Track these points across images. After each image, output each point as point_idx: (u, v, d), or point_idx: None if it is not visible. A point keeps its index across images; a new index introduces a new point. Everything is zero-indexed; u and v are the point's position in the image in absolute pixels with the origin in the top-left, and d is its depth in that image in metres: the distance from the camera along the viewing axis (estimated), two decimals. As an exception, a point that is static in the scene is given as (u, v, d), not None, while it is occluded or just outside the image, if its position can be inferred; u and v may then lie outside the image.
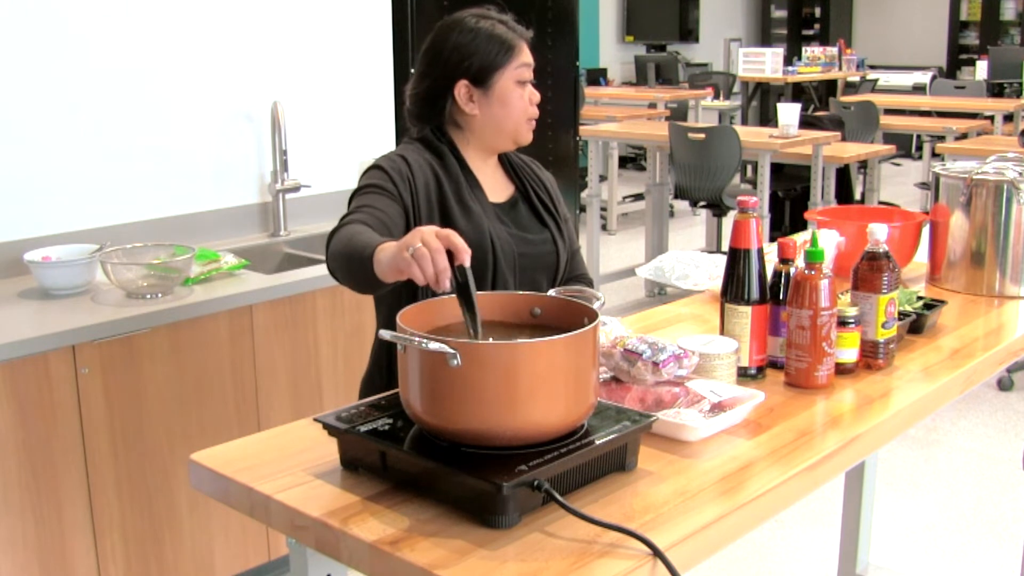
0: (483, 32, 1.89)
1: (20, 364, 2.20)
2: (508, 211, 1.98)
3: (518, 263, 1.92)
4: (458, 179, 1.91)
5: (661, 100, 8.60)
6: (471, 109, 1.91)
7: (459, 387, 1.24)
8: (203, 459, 1.42)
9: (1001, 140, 5.79)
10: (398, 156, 1.90)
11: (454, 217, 1.86)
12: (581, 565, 1.13)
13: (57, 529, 2.31)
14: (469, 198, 1.90)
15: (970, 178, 2.19)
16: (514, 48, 1.89)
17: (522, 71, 1.90)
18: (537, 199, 2.02)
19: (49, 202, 2.76)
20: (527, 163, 2.09)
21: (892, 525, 3.30)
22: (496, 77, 1.89)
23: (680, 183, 5.61)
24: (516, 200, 2.01)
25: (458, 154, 1.94)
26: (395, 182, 1.84)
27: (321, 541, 1.25)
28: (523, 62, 1.91)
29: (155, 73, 2.94)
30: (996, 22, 12.59)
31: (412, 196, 1.85)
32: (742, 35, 13.09)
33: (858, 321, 1.72)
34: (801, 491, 1.41)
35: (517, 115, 1.91)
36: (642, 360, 1.55)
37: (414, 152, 1.92)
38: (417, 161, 1.89)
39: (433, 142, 1.94)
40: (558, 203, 2.07)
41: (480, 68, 1.88)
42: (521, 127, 1.93)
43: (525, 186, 2.03)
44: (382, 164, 1.88)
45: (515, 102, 1.90)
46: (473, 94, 1.90)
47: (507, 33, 1.90)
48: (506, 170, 2.04)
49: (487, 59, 1.88)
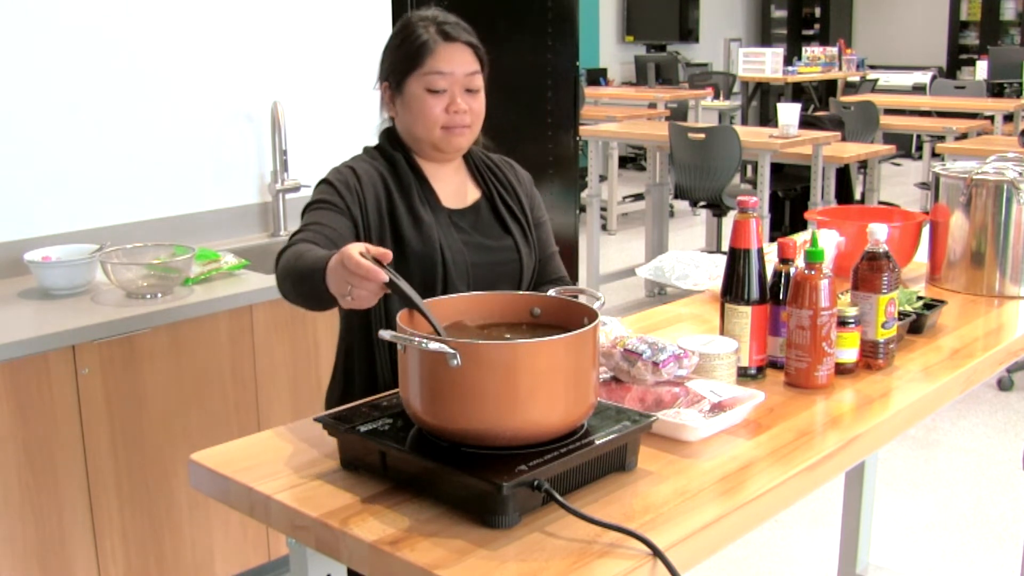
0: (408, 34, 1.83)
1: (20, 364, 2.20)
2: (467, 217, 1.90)
3: (471, 273, 1.85)
4: (410, 187, 1.85)
5: (661, 100, 8.60)
6: (390, 111, 1.89)
7: (459, 387, 1.24)
8: (203, 459, 1.42)
9: (1001, 140, 5.79)
10: (348, 168, 1.85)
11: (403, 229, 1.81)
12: (581, 565, 1.13)
13: (57, 529, 2.31)
14: (421, 206, 1.84)
15: (970, 178, 2.19)
16: (427, 54, 1.80)
17: (432, 79, 1.80)
18: (503, 203, 1.94)
19: (49, 202, 2.76)
20: (498, 164, 2.00)
21: (892, 525, 3.30)
22: (406, 82, 1.82)
23: (680, 183, 5.61)
24: (479, 205, 1.93)
25: (411, 159, 1.88)
26: (343, 196, 1.80)
27: (321, 541, 1.25)
28: (436, 69, 1.80)
29: (155, 73, 2.94)
30: (996, 22, 12.59)
31: (361, 209, 1.80)
32: (742, 35, 13.09)
33: (858, 321, 1.72)
34: (801, 491, 1.41)
35: (426, 123, 1.82)
36: (642, 360, 1.55)
37: (365, 163, 1.87)
38: (367, 172, 1.84)
39: (386, 149, 1.89)
40: (529, 206, 1.99)
41: (393, 71, 1.85)
42: (433, 134, 1.83)
43: (491, 190, 1.95)
44: (331, 178, 1.84)
45: (421, 109, 1.81)
46: (393, 96, 1.87)
47: (430, 37, 1.81)
48: (472, 173, 1.96)
49: (398, 63, 1.83)
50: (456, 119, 1.82)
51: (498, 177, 1.98)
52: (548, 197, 4.37)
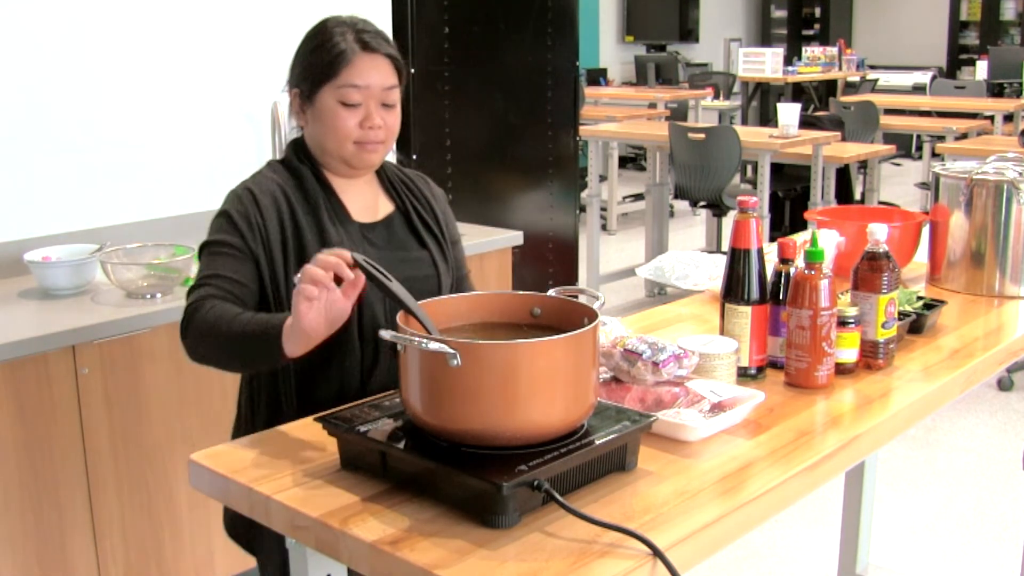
0: (323, 40, 1.73)
1: (20, 364, 2.20)
2: (380, 230, 1.81)
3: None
4: (317, 202, 1.75)
5: (661, 100, 8.60)
6: (300, 121, 1.79)
7: (459, 387, 1.24)
8: (203, 459, 1.42)
9: (1001, 140, 5.79)
10: (247, 193, 1.72)
11: (310, 253, 1.66)
12: (581, 565, 1.13)
13: (57, 529, 2.31)
14: (329, 223, 1.74)
15: (970, 178, 2.19)
16: (343, 65, 1.70)
17: (347, 92, 1.70)
18: (418, 216, 1.86)
19: (49, 202, 2.76)
20: (412, 179, 1.92)
21: (892, 525, 3.30)
22: (318, 92, 1.72)
23: (680, 183, 5.61)
24: (392, 218, 1.84)
25: (319, 173, 1.78)
26: (244, 235, 1.69)
27: (321, 541, 1.25)
28: (351, 82, 1.70)
29: (155, 73, 2.94)
30: (996, 22, 12.59)
31: (264, 245, 1.69)
32: (742, 35, 13.09)
33: (858, 321, 1.72)
34: (801, 491, 1.41)
35: (337, 137, 1.72)
36: (642, 360, 1.55)
37: (268, 180, 1.75)
38: (269, 192, 1.73)
39: (292, 162, 1.79)
40: (444, 223, 1.91)
41: (305, 79, 1.75)
42: (344, 149, 1.73)
43: (405, 203, 1.86)
44: (230, 211, 1.71)
45: (333, 123, 1.72)
46: (303, 105, 1.77)
47: (347, 46, 1.71)
48: (385, 186, 1.88)
49: (311, 71, 1.73)
50: (370, 135, 1.73)
51: (412, 191, 1.90)
52: (548, 197, 4.38)
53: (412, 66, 3.75)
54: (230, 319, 1.57)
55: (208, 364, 1.65)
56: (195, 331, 1.61)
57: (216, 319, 1.58)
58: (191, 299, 1.65)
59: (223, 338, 1.57)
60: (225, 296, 1.65)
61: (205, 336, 1.60)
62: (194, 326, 1.62)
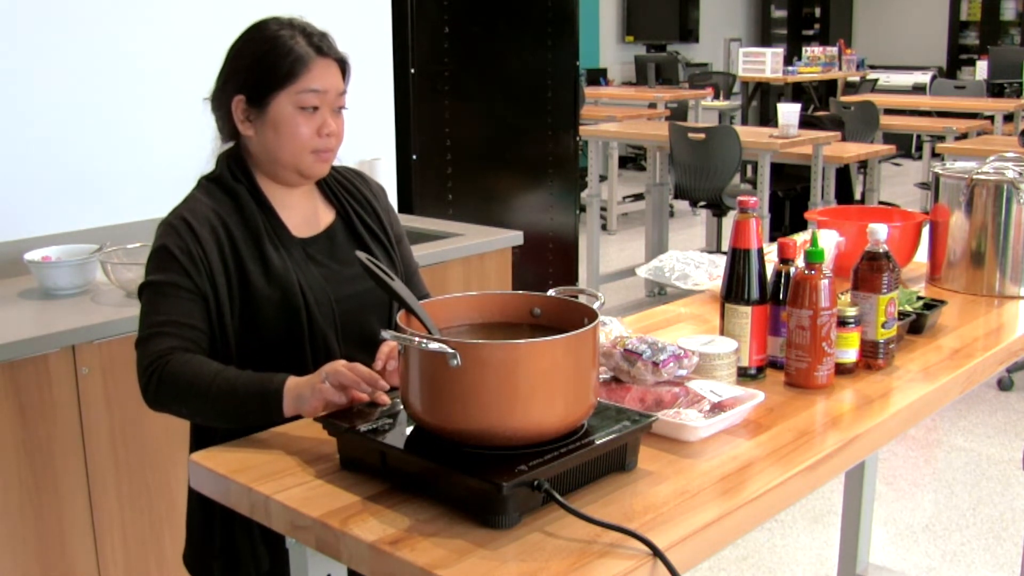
0: (272, 43, 1.64)
1: (20, 364, 2.20)
2: (321, 244, 1.73)
3: (337, 311, 1.68)
4: (256, 224, 1.66)
5: (661, 100, 8.60)
6: (246, 130, 1.67)
7: (459, 387, 1.24)
8: (203, 459, 1.42)
9: (1001, 140, 5.79)
10: (184, 225, 1.62)
11: (251, 280, 1.62)
12: (581, 565, 1.13)
13: (57, 529, 2.31)
14: (271, 248, 1.65)
15: (970, 178, 2.19)
16: (301, 68, 1.63)
17: (306, 96, 1.63)
18: (360, 221, 1.78)
19: (49, 202, 2.76)
20: (348, 178, 1.84)
21: (892, 525, 3.30)
22: (272, 98, 1.63)
23: (680, 183, 5.61)
24: (334, 228, 1.76)
25: (255, 188, 1.69)
26: (189, 274, 1.59)
27: (321, 541, 1.25)
28: (309, 87, 1.63)
29: (156, 73, 2.93)
30: (996, 22, 12.60)
31: (209, 280, 1.60)
32: (742, 35, 13.09)
33: (858, 321, 1.72)
34: (801, 491, 1.41)
35: (294, 146, 1.64)
36: (642, 360, 1.55)
37: (203, 206, 1.66)
38: (206, 220, 1.63)
39: (227, 181, 1.69)
40: (388, 222, 1.83)
41: (255, 84, 1.64)
42: (302, 159, 1.66)
43: (346, 208, 1.79)
44: (170, 247, 1.61)
45: (291, 130, 1.63)
46: (249, 113, 1.66)
47: (302, 50, 1.63)
48: (324, 192, 1.79)
49: (264, 75, 1.63)
50: (326, 142, 1.67)
51: (351, 192, 1.82)
52: (548, 197, 4.38)
53: (412, 66, 3.75)
54: (211, 377, 1.51)
55: (174, 415, 1.60)
56: (168, 389, 1.54)
57: (193, 376, 1.52)
58: (152, 352, 1.56)
59: (205, 398, 1.51)
60: (187, 346, 1.57)
61: (181, 394, 1.53)
62: (166, 384, 1.54)
